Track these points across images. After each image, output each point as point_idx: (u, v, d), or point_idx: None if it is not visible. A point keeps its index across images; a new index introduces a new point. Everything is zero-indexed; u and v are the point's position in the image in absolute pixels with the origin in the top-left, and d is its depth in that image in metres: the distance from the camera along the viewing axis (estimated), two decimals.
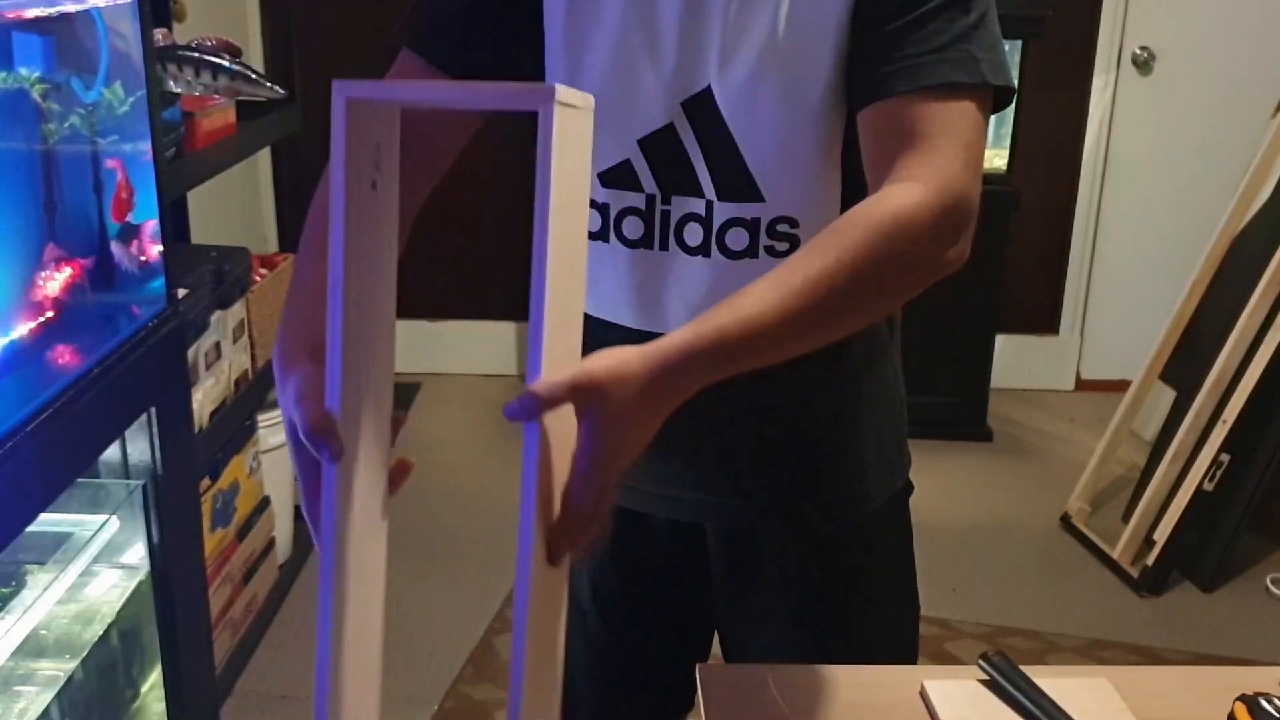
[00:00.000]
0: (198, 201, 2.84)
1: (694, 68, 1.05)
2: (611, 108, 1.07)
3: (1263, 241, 3.02)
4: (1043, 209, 3.94)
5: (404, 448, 0.81)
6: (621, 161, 1.10)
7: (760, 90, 1.04)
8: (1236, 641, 2.76)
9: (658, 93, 1.07)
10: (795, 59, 1.03)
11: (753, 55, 1.03)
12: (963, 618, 2.82)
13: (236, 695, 2.46)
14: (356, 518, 0.79)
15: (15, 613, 1.49)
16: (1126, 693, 1.04)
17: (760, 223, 1.08)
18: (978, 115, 1.00)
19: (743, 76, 1.04)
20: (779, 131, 1.05)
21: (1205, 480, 2.89)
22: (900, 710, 1.04)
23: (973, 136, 0.98)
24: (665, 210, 1.11)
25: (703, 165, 1.08)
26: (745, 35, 1.03)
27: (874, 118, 1.01)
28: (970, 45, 1.00)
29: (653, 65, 1.06)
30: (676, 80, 1.06)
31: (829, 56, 1.02)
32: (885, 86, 0.99)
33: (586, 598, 1.31)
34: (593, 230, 1.14)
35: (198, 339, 2.25)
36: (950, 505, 3.39)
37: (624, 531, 1.26)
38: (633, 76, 1.07)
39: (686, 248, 1.11)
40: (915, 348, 3.74)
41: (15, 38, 1.40)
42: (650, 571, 1.29)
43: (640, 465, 1.20)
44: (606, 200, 1.12)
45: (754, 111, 1.05)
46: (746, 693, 1.04)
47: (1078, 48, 3.88)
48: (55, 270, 1.49)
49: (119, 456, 1.74)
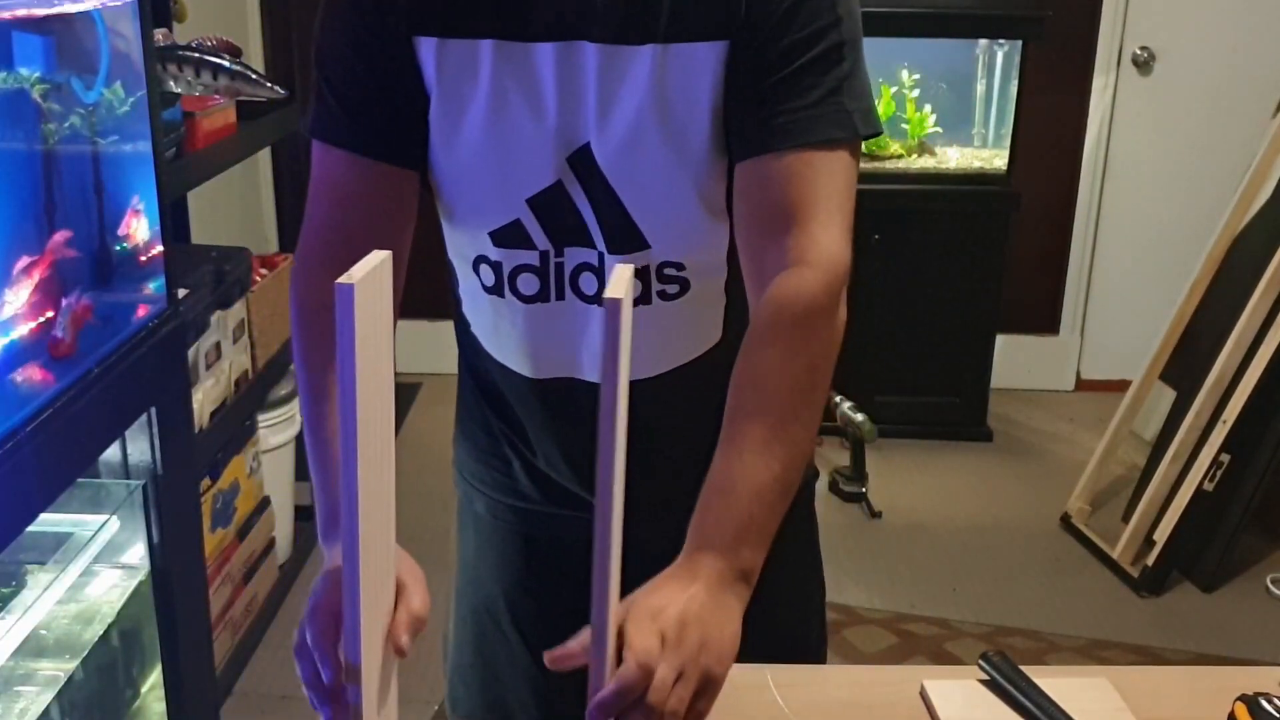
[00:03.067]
0: (198, 201, 2.84)
1: (574, 124, 1.04)
2: (496, 167, 1.06)
3: (1263, 241, 3.02)
4: (1043, 209, 3.94)
5: (404, 447, 0.82)
6: (511, 221, 1.09)
7: (639, 146, 1.04)
8: (1236, 641, 2.76)
9: (543, 150, 1.05)
10: (673, 113, 1.03)
11: (629, 111, 1.03)
12: (963, 618, 2.82)
13: (236, 695, 2.46)
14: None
15: (15, 613, 1.49)
16: (1126, 693, 1.04)
17: (650, 269, 1.10)
18: (850, 166, 1.04)
19: (620, 132, 1.03)
20: (660, 184, 1.05)
21: (1205, 480, 2.89)
22: (900, 710, 1.04)
23: (847, 193, 1.04)
24: (559, 262, 1.11)
25: (592, 218, 1.08)
26: (620, 91, 1.03)
27: (752, 173, 1.03)
28: (843, 97, 1.03)
29: (535, 121, 1.05)
30: (560, 136, 1.05)
31: (706, 110, 1.03)
32: (764, 142, 1.02)
33: (505, 619, 1.29)
34: (487, 285, 1.14)
35: (198, 339, 2.25)
36: (950, 505, 3.39)
37: (534, 550, 1.26)
38: (515, 134, 1.05)
39: (584, 296, 1.11)
40: (915, 348, 3.77)
41: (15, 38, 1.40)
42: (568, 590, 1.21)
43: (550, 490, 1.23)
44: (499, 259, 1.11)
45: (634, 165, 1.05)
46: (746, 693, 1.04)
47: (1078, 48, 3.88)
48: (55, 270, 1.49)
49: (119, 456, 1.74)
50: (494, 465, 1.27)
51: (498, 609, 1.29)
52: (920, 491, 3.46)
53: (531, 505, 1.25)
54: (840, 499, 3.35)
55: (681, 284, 1.11)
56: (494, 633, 1.30)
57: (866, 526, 3.26)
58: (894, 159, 3.69)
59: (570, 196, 1.07)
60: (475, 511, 1.30)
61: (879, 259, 3.57)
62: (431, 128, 1.08)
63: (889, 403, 3.60)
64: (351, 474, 0.75)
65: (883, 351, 3.65)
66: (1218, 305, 3.13)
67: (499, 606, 1.29)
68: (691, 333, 1.15)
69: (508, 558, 1.28)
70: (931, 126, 3.76)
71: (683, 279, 1.11)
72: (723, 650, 0.88)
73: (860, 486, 3.34)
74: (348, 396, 0.73)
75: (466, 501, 1.32)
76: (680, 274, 1.11)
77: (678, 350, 1.16)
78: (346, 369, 0.72)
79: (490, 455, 1.27)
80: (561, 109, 1.04)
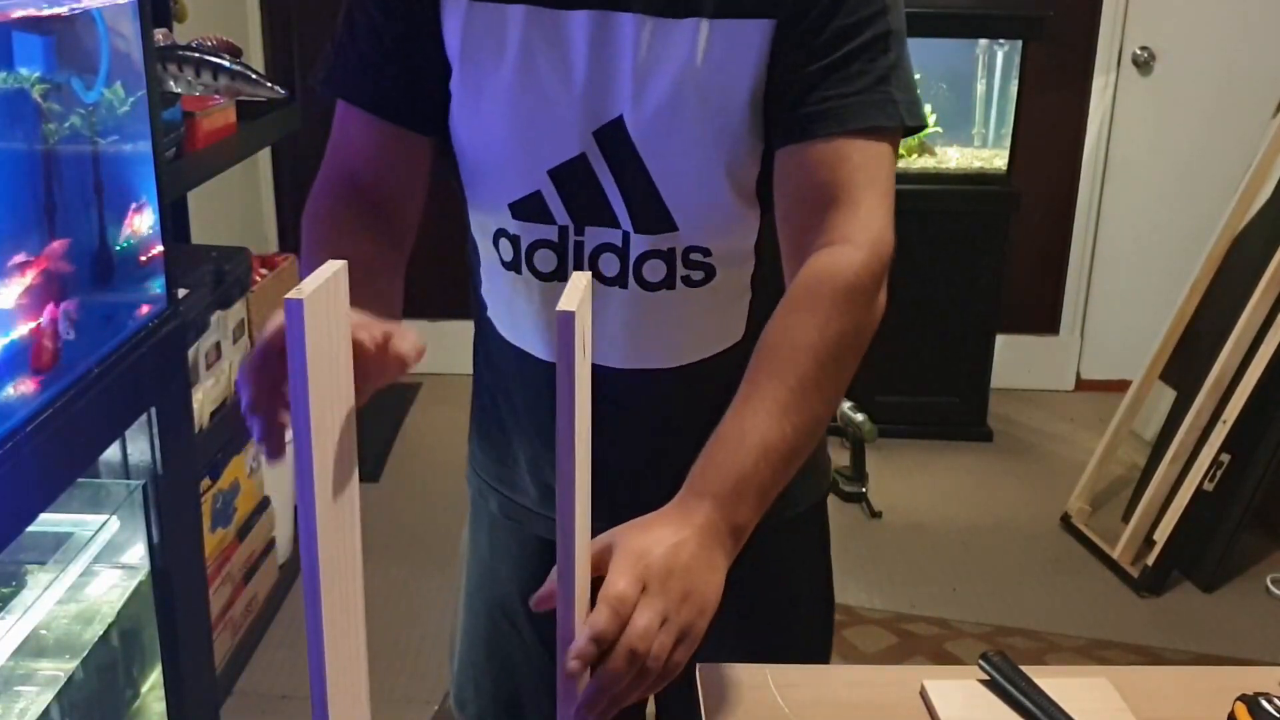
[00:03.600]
0: (198, 201, 2.84)
1: (605, 95, 1.03)
2: (519, 136, 1.05)
3: (1263, 241, 3.02)
4: (1043, 209, 3.94)
5: (405, 447, 0.81)
6: (532, 193, 1.08)
7: (675, 121, 1.02)
8: (1236, 641, 2.76)
9: (568, 120, 1.04)
10: (712, 90, 1.01)
11: (667, 85, 1.01)
12: (963, 618, 2.82)
13: (236, 695, 2.46)
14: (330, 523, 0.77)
15: (15, 613, 1.49)
16: (1126, 693, 1.04)
17: (675, 253, 1.08)
18: (893, 157, 1.03)
19: (656, 106, 1.02)
20: (693, 163, 1.04)
21: (1205, 480, 2.90)
22: (900, 710, 1.04)
23: (890, 183, 1.03)
24: (579, 241, 1.09)
25: (617, 196, 1.06)
26: (660, 64, 1.01)
27: (796, 158, 1.02)
28: (890, 87, 1.01)
29: (562, 91, 1.03)
30: (587, 107, 1.03)
31: (746, 89, 1.02)
32: (808, 128, 1.00)
33: (521, 617, 1.28)
34: (505, 260, 1.13)
35: (198, 339, 2.25)
36: (950, 505, 3.39)
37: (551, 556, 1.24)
38: (540, 103, 1.04)
39: (603, 278, 1.09)
40: (915, 348, 3.77)
41: (15, 38, 1.40)
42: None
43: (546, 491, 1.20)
44: (518, 233, 1.10)
45: (668, 142, 1.03)
46: (746, 693, 1.04)
47: (1078, 48, 3.88)
48: (55, 270, 1.49)
49: (119, 456, 1.74)
50: (506, 462, 1.26)
51: (513, 607, 1.28)
52: (920, 491, 3.46)
53: (536, 510, 1.25)
54: (840, 499, 3.34)
55: (707, 270, 1.10)
56: (509, 631, 1.29)
57: (866, 526, 3.26)
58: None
59: (594, 171, 1.05)
60: (490, 510, 1.30)
61: None
62: (454, 94, 1.07)
63: (889, 403, 3.59)
64: (309, 498, 0.71)
65: (883, 351, 3.60)
66: (1218, 305, 3.13)
67: (514, 605, 1.28)
68: (715, 324, 1.14)
69: (524, 558, 1.27)
70: (932, 126, 3.76)
71: (709, 265, 1.09)
72: (705, 603, 0.86)
73: (860, 486, 3.34)
74: (300, 415, 0.69)
75: (480, 499, 1.31)
76: (706, 260, 1.09)
77: (700, 342, 1.14)
78: (299, 387, 0.68)
79: (503, 452, 1.26)
80: (592, 79, 1.02)
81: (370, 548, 0.84)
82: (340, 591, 0.78)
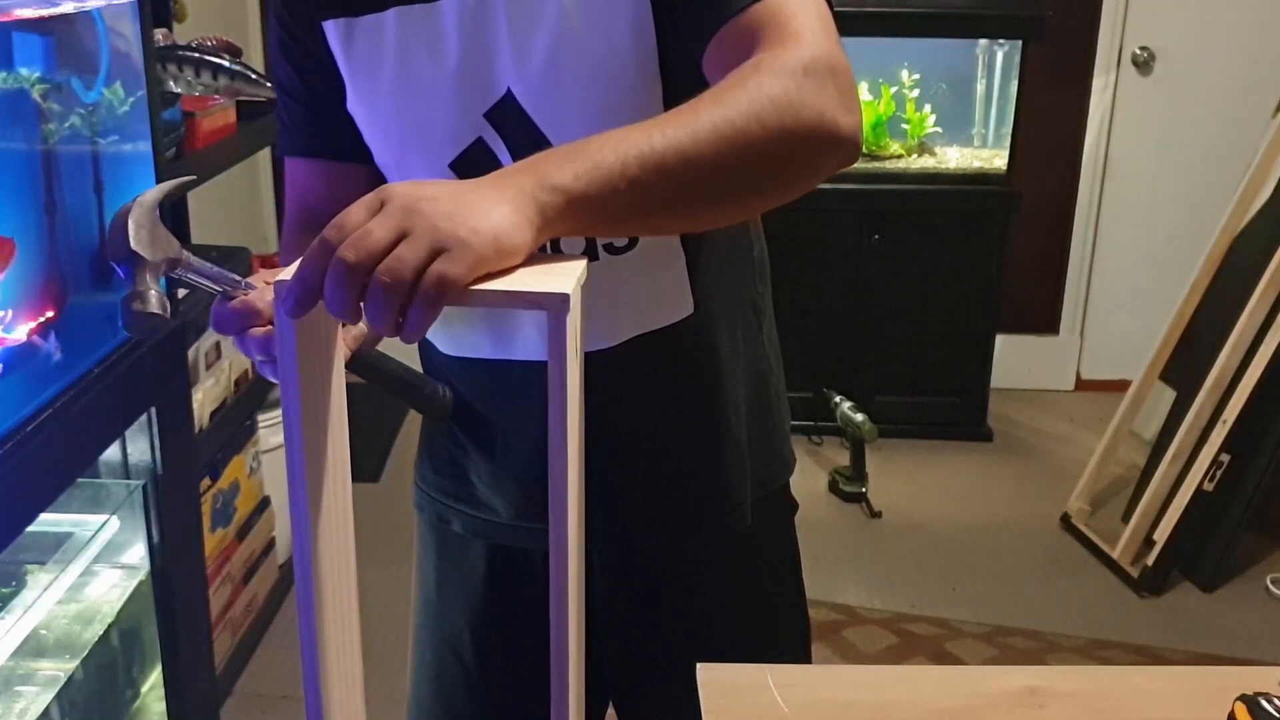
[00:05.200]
0: (198, 201, 2.84)
1: (490, 73, 1.02)
2: (411, 135, 1.05)
3: (1263, 241, 3.02)
4: (1043, 209, 3.94)
5: (404, 447, 0.81)
6: None
7: (563, 80, 1.00)
8: (1236, 641, 2.76)
9: (455, 108, 1.03)
10: (592, 39, 0.99)
11: (547, 45, 0.99)
12: (963, 618, 2.82)
13: (236, 695, 2.46)
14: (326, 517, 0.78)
15: (15, 613, 1.49)
16: (1126, 692, 1.04)
17: None
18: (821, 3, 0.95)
19: (541, 69, 1.00)
20: (590, 124, 0.96)
21: (1205, 480, 2.89)
22: (900, 710, 1.04)
23: (819, 9, 0.94)
24: None
25: None
26: (536, 29, 1.00)
27: (719, 42, 0.95)
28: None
29: (442, 80, 1.02)
30: (472, 91, 1.02)
31: (627, 29, 0.99)
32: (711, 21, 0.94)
33: (469, 652, 1.26)
34: None
35: (198, 339, 2.25)
36: (950, 505, 3.39)
37: (501, 574, 1.23)
38: (424, 98, 1.03)
39: None
40: (915, 348, 3.76)
41: (15, 38, 1.40)
42: (533, 612, 1.06)
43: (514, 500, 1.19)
44: None
45: (559, 101, 1.01)
46: (746, 693, 1.04)
47: (1078, 48, 3.88)
48: (55, 270, 1.49)
49: (119, 456, 1.74)
50: (462, 479, 1.23)
51: (461, 642, 1.26)
52: (920, 491, 3.46)
53: (499, 520, 1.22)
54: (840, 499, 3.35)
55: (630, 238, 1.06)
56: (454, 667, 1.27)
57: (866, 526, 3.26)
58: (894, 159, 3.68)
59: (493, 152, 1.04)
60: (452, 531, 1.26)
61: (879, 259, 3.57)
62: (352, 113, 1.07)
63: (889, 403, 3.60)
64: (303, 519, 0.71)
65: (883, 351, 3.66)
66: (1218, 305, 3.13)
67: (463, 640, 1.25)
68: (650, 293, 1.10)
69: (471, 588, 1.25)
70: (931, 126, 3.75)
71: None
72: (468, 218, 0.73)
73: (860, 486, 3.34)
74: (293, 429, 0.69)
75: (438, 525, 1.27)
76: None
77: (638, 315, 1.10)
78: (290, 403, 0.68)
79: (460, 469, 1.23)
80: (471, 61, 1.01)
81: (370, 548, 0.84)
82: (334, 592, 0.78)
